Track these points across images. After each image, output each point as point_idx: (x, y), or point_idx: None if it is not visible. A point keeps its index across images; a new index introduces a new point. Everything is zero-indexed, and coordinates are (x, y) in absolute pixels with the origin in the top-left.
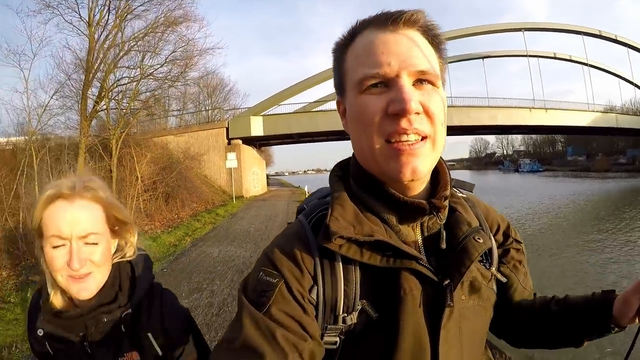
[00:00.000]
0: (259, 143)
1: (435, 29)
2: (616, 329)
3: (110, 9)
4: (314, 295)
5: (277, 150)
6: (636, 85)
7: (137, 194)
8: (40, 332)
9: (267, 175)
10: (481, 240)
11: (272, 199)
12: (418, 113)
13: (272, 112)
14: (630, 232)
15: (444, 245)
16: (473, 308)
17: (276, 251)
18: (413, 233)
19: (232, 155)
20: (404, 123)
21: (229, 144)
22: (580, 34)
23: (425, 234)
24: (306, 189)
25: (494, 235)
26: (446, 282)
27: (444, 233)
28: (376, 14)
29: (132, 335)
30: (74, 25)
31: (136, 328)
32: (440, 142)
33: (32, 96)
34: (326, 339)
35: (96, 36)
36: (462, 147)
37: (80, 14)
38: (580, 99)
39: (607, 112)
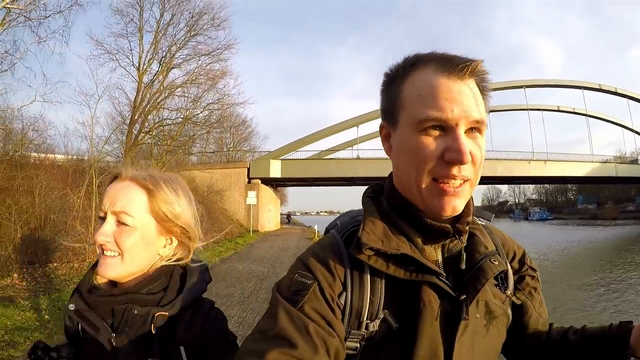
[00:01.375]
0: (275, 183)
1: (487, 78)
2: (632, 359)
3: (158, 58)
4: (342, 300)
5: (291, 191)
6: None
7: None
8: (71, 307)
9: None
10: (496, 262)
11: (284, 235)
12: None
13: (290, 157)
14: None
15: (463, 266)
16: (486, 327)
17: (311, 258)
18: (435, 253)
19: (252, 194)
20: (455, 170)
21: (249, 182)
22: (580, 89)
23: (446, 254)
24: (316, 228)
25: (510, 262)
26: (462, 297)
27: (464, 255)
28: (440, 55)
29: (163, 342)
30: (126, 70)
31: (170, 336)
32: (476, 182)
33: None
34: (348, 343)
35: (145, 80)
36: (475, 194)
37: (132, 61)
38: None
39: (606, 162)
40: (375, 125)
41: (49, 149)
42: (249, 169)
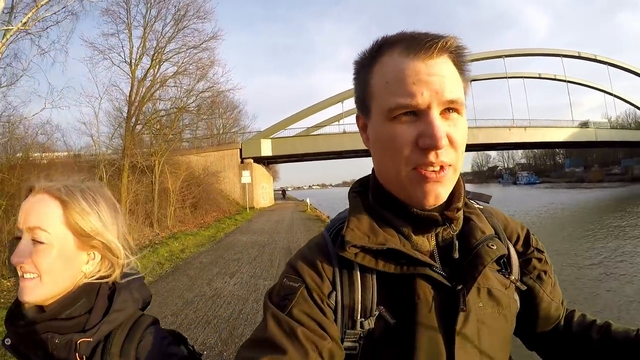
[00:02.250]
0: (267, 161)
1: (464, 52)
2: None
3: (148, 52)
4: (332, 300)
5: (282, 167)
6: (618, 97)
7: (172, 204)
8: (7, 342)
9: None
10: (494, 247)
11: (279, 210)
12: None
13: (279, 136)
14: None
15: (456, 255)
16: (492, 315)
17: (299, 260)
18: (428, 243)
19: (246, 173)
20: (432, 157)
21: (242, 162)
22: (560, 56)
23: (440, 244)
24: (308, 201)
25: (514, 245)
26: (459, 287)
27: (457, 243)
28: (407, 35)
29: None
30: (119, 67)
31: None
32: (460, 166)
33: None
34: (346, 343)
35: (138, 74)
36: (465, 160)
37: (124, 58)
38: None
39: (585, 128)
40: None
41: (55, 149)
42: (241, 150)
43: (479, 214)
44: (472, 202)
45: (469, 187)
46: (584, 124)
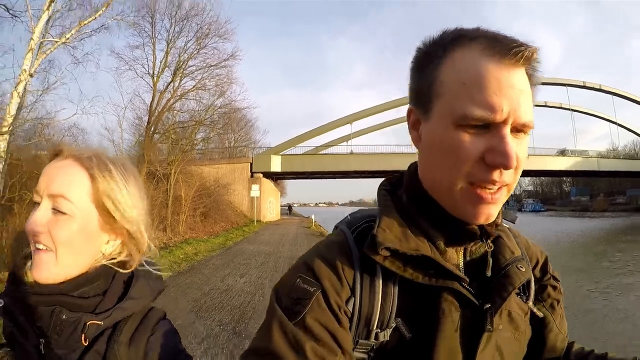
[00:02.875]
0: (276, 177)
1: (539, 67)
2: None
3: (170, 66)
4: (350, 307)
5: (290, 183)
6: (622, 127)
7: (185, 211)
8: (0, 302)
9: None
10: (523, 269)
11: (284, 224)
12: None
13: (289, 153)
14: None
15: (489, 273)
16: (509, 339)
17: (316, 259)
18: (456, 256)
19: (255, 187)
20: (496, 175)
21: (251, 176)
22: (565, 86)
23: (468, 258)
24: (313, 217)
25: (532, 270)
26: (487, 306)
27: (491, 260)
28: (489, 33)
29: (99, 356)
30: (143, 79)
31: (110, 352)
32: (514, 187)
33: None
34: (356, 354)
35: (159, 86)
36: None
37: (148, 70)
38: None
39: (588, 157)
40: (367, 122)
41: None
42: (251, 164)
43: (508, 232)
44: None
45: None
46: (562, 152)
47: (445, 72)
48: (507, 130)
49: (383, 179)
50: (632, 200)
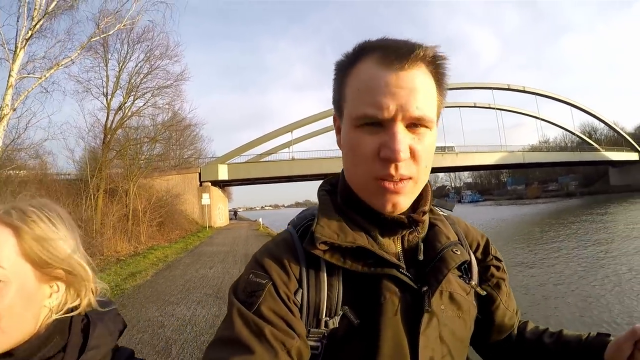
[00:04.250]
0: (223, 184)
1: (443, 62)
2: None
3: (122, 87)
4: (298, 298)
5: (236, 189)
6: (546, 121)
7: (145, 222)
8: None
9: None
10: (458, 252)
11: (234, 228)
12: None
13: (235, 162)
14: None
15: (421, 257)
16: (453, 318)
17: (265, 256)
18: (394, 245)
19: (206, 196)
20: (392, 169)
21: (200, 185)
22: (491, 89)
23: (406, 246)
24: (261, 220)
25: (474, 253)
26: (424, 288)
27: (422, 245)
28: (387, 42)
29: None
30: (97, 99)
31: None
32: (423, 180)
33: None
34: (309, 343)
35: (113, 106)
36: None
37: (102, 90)
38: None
39: (513, 152)
40: (308, 129)
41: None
42: (199, 174)
43: (444, 220)
44: (437, 209)
45: None
46: (450, 148)
47: (349, 82)
48: (397, 127)
49: (323, 180)
50: (563, 187)
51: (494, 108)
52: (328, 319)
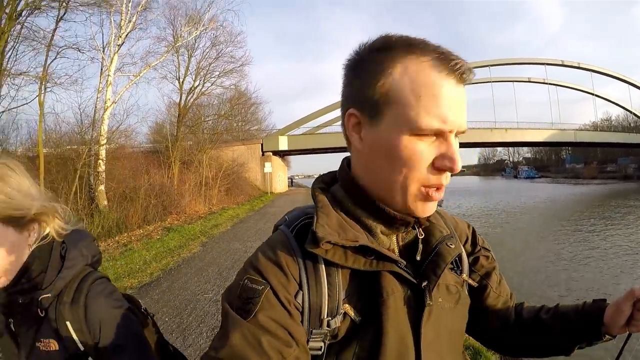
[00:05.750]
0: (283, 154)
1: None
2: (607, 336)
3: (192, 71)
4: (299, 300)
5: (294, 158)
6: (603, 98)
7: (216, 187)
8: None
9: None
10: (453, 246)
11: (292, 194)
12: None
13: (294, 133)
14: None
15: (419, 257)
16: (450, 310)
17: (261, 259)
18: (391, 241)
19: (268, 164)
20: (444, 179)
21: (262, 155)
22: (543, 65)
23: (401, 243)
24: None
25: (463, 245)
26: (424, 283)
27: (421, 246)
28: (435, 48)
29: (52, 321)
30: (172, 83)
31: (58, 314)
32: None
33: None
34: (311, 344)
35: (185, 87)
36: (472, 153)
37: (175, 74)
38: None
39: (564, 130)
40: None
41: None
42: (262, 145)
43: (436, 214)
44: None
45: (475, 179)
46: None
47: (399, 81)
48: (453, 138)
49: (316, 178)
50: (622, 169)
51: (547, 83)
52: (330, 318)
